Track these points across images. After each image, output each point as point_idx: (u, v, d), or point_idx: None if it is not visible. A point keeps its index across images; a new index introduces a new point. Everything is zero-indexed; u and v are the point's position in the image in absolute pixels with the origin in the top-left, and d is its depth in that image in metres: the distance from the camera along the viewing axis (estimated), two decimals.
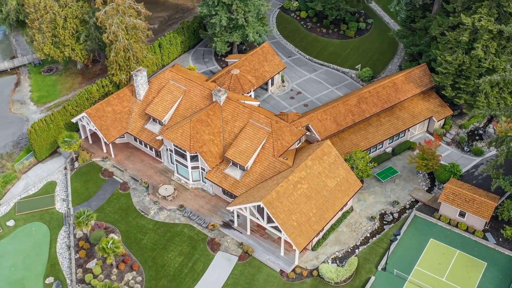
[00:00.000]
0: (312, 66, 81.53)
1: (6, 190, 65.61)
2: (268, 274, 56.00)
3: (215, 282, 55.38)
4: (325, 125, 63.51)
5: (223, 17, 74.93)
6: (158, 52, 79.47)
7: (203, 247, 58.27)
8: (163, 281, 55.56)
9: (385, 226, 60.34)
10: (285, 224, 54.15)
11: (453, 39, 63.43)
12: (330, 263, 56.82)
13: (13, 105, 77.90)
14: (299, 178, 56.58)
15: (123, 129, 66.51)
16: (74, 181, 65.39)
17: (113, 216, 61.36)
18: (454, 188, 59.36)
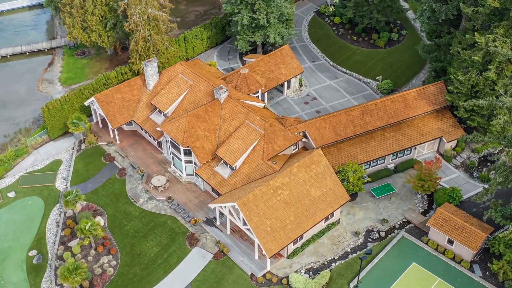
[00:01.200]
0: (334, 73, 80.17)
1: (16, 163, 68.99)
2: (238, 275, 55.88)
3: (184, 277, 55.90)
4: (323, 133, 62.38)
5: (245, 16, 75.08)
6: (183, 45, 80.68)
7: (181, 240, 58.91)
8: (135, 268, 56.69)
9: (369, 244, 58.58)
10: (258, 228, 53.79)
11: (468, 58, 60.50)
12: (303, 273, 55.90)
13: (42, 84, 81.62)
14: (281, 184, 55.98)
15: (129, 116, 68.21)
16: (78, 161, 67.78)
17: (104, 199, 63.16)
18: (445, 213, 56.79)
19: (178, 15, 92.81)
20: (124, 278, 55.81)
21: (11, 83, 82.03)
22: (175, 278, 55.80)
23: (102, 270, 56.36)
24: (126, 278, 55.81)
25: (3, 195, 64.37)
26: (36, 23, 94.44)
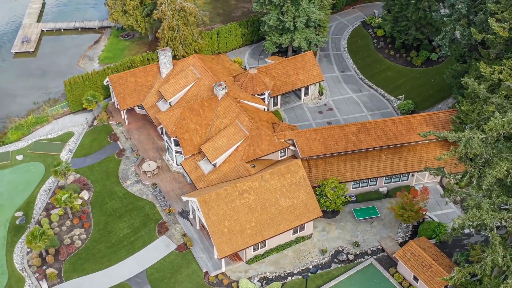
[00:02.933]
0: (359, 86, 77.73)
1: (34, 129, 73.62)
2: (193, 271, 56.29)
3: (143, 262, 57.16)
4: (311, 144, 60.91)
5: (273, 17, 74.76)
6: (215, 39, 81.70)
7: (152, 227, 60.21)
8: (102, 245, 58.77)
9: (333, 264, 56.64)
10: (215, 227, 53.82)
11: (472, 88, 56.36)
12: (256, 281, 55.20)
13: (82, 60, 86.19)
14: (249, 188, 55.51)
15: (138, 100, 70.42)
16: (86, 136, 71.13)
17: (96, 176, 65.88)
18: (416, 247, 53.63)
19: (226, 10, 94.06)
20: (89, 253, 58.06)
21: (56, 55, 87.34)
22: (134, 262, 57.22)
23: (71, 241, 58.97)
24: (90, 253, 58.02)
25: (12, 156, 68.97)
26: (96, 2, 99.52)
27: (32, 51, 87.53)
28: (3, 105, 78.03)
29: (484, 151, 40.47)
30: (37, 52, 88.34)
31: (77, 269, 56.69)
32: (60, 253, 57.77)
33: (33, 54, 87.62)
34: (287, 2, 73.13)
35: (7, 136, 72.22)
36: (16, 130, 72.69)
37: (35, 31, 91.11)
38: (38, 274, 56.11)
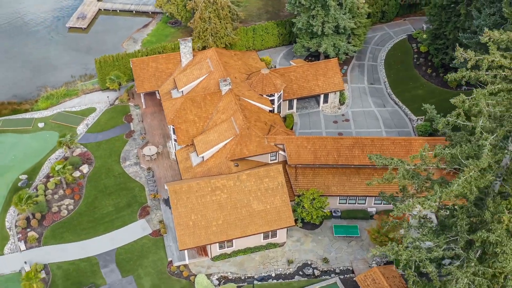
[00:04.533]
0: (385, 100, 74.78)
1: (63, 101, 77.78)
2: (160, 258, 57.29)
3: (116, 240, 58.94)
4: (301, 152, 59.63)
5: (303, 20, 73.77)
6: (250, 35, 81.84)
7: (135, 209, 61.85)
8: (84, 218, 61.26)
9: (297, 277, 55.37)
10: (180, 218, 54.41)
11: None
12: (215, 279, 55.22)
13: (127, 41, 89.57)
14: (222, 185, 55.50)
15: (156, 86, 72.26)
16: (104, 114, 74.14)
17: (101, 152, 68.58)
18: (378, 274, 51.21)
19: (276, 8, 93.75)
20: (71, 224, 60.74)
21: (106, 34, 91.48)
22: (108, 239, 59.15)
23: (59, 209, 61.97)
24: (72, 224, 60.68)
25: (35, 123, 73.34)
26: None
27: (84, 27, 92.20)
28: (44, 74, 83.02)
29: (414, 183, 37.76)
30: (90, 29, 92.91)
31: (56, 237, 59.51)
32: (46, 219, 60.89)
33: (85, 31, 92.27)
34: (318, 6, 71.76)
35: (37, 104, 76.80)
36: (46, 100, 77.10)
37: (93, 9, 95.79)
38: (21, 235, 59.56)
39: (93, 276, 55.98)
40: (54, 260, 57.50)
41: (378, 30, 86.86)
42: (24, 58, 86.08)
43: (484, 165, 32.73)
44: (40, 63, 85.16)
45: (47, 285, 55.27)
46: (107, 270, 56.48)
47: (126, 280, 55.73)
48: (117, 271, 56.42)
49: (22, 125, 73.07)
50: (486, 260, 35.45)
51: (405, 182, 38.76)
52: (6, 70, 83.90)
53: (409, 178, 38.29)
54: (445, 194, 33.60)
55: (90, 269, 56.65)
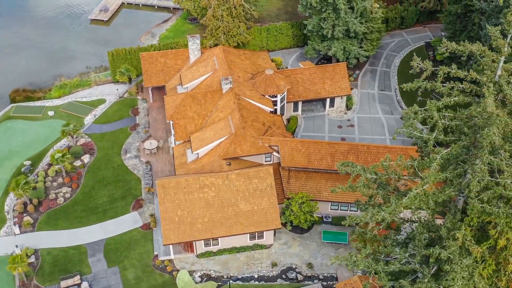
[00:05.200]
0: (393, 108, 73.48)
1: (76, 91, 79.33)
2: (146, 251, 57.81)
3: (107, 231, 59.76)
4: (294, 155, 59.14)
5: (314, 22, 73.20)
6: (264, 35, 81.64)
7: (129, 201, 62.55)
8: (79, 207, 62.30)
9: (279, 280, 54.98)
10: (166, 213, 54.76)
11: None
12: (197, 276, 55.36)
13: (145, 35, 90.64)
14: (210, 183, 55.59)
15: (163, 81, 72.88)
16: (113, 106, 75.25)
17: (104, 143, 69.63)
18: (358, 283, 50.31)
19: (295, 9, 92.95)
20: (66, 211, 61.89)
21: (126, 27, 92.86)
22: (99, 229, 60.03)
23: (56, 197, 63.23)
24: (67, 212, 61.82)
25: (45, 111, 75.03)
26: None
27: (106, 20, 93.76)
28: (61, 64, 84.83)
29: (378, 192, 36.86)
30: (111, 21, 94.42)
31: (50, 223, 60.76)
32: (42, 205, 62.22)
33: (107, 23, 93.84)
34: (329, 9, 71.02)
35: (50, 93, 78.56)
36: (60, 89, 78.78)
37: (116, 2, 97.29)
38: (17, 219, 61.06)
39: (79, 264, 56.91)
40: (45, 245, 58.70)
41: (396, 36, 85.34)
42: (44, 47, 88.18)
43: (431, 180, 31.72)
44: (59, 53, 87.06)
45: (35, 269, 56.47)
46: (94, 259, 57.32)
47: (111, 270, 56.45)
48: (103, 261, 57.20)
49: (33, 112, 74.86)
50: (441, 277, 34.30)
51: (369, 191, 37.90)
52: (25, 57, 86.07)
53: (370, 187, 37.43)
54: (397, 207, 32.72)
55: (78, 257, 57.61)
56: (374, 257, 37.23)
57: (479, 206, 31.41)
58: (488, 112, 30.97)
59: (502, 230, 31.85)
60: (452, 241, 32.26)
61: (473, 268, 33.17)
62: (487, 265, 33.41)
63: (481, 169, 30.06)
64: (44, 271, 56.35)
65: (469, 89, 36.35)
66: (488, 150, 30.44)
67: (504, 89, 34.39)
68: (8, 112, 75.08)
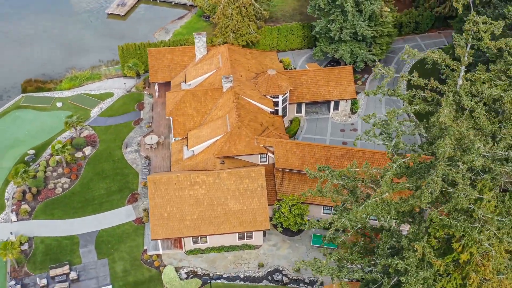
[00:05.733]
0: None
1: (86, 83, 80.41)
2: (136, 245, 58.32)
3: (100, 223, 60.49)
4: (289, 157, 58.79)
5: (321, 24, 72.67)
6: (275, 35, 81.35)
7: (125, 194, 63.17)
8: (76, 198, 63.19)
9: (265, 281, 54.79)
10: (155, 208, 55.12)
11: None
12: (184, 272, 55.57)
13: (159, 31, 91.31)
14: (201, 181, 55.72)
15: (169, 77, 73.32)
16: (119, 100, 76.06)
17: (106, 136, 70.45)
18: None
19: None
20: (63, 202, 62.86)
21: (141, 22, 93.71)
22: (93, 221, 60.80)
23: (54, 187, 64.27)
24: (64, 202, 62.78)
25: (54, 102, 76.30)
26: None
27: (123, 14, 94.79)
28: (75, 56, 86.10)
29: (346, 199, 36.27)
30: (128, 16, 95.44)
31: (46, 212, 61.79)
32: (41, 195, 63.31)
33: (123, 18, 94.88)
34: (337, 11, 70.36)
35: (61, 84, 79.80)
36: (70, 81, 79.95)
37: None
38: (15, 207, 62.27)
39: (71, 254, 57.74)
40: (39, 234, 59.73)
41: (410, 41, 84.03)
42: (60, 39, 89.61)
43: (384, 190, 31.09)
44: (74, 45, 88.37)
45: (27, 257, 57.49)
46: (85, 250, 58.08)
47: (100, 262, 57.10)
48: (94, 252, 57.91)
49: (42, 102, 76.20)
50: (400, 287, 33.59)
51: (338, 196, 37.39)
52: (41, 49, 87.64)
53: (339, 192, 36.92)
54: (353, 215, 32.19)
55: (70, 247, 58.45)
56: (339, 264, 36.70)
57: (438, 218, 30.62)
58: (441, 122, 30.28)
59: (466, 243, 30.94)
60: (411, 252, 31.56)
61: (433, 281, 32.36)
62: (452, 279, 32.53)
63: (433, 181, 29.29)
64: (35, 259, 57.32)
65: (430, 98, 35.58)
66: (445, 161, 29.64)
67: (463, 99, 33.69)
68: (18, 102, 76.61)
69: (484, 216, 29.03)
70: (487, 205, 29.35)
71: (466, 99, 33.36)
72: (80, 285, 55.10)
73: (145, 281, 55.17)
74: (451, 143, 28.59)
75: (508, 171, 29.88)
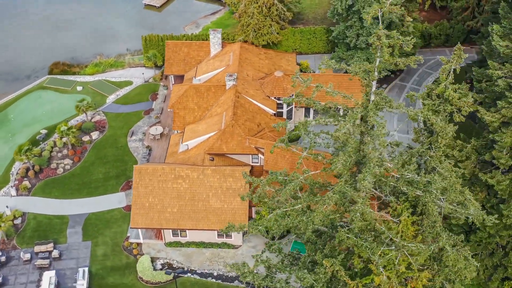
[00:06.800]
0: (410, 127, 70.30)
1: (109, 70, 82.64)
2: (121, 231, 59.50)
3: (92, 206, 62.06)
4: (278, 160, 58.17)
5: (339, 29, 71.46)
6: (298, 38, 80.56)
7: (121, 181, 64.51)
8: (74, 180, 65.07)
9: (237, 282, 54.54)
10: (138, 197, 56.00)
11: None
12: (159, 263, 56.21)
13: (190, 25, 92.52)
14: (185, 175, 56.14)
15: (183, 70, 74.16)
16: (135, 89, 77.68)
17: (116, 123, 72.12)
18: None
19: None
20: (62, 182, 64.93)
21: (175, 15, 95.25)
22: (86, 203, 62.47)
23: (57, 167, 66.47)
24: (62, 183, 64.83)
25: (75, 86, 78.87)
26: None
27: (158, 6, 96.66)
28: (104, 43, 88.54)
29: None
30: (163, 8, 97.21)
31: (45, 191, 64.02)
32: (42, 173, 65.66)
33: (159, 9, 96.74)
34: (355, 17, 68.91)
35: (85, 69, 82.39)
36: (95, 66, 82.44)
37: None
38: (17, 182, 64.91)
39: (58, 233, 59.59)
40: (34, 210, 61.98)
41: (438, 53, 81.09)
42: (95, 25, 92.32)
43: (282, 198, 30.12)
44: (106, 32, 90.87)
45: (18, 231, 59.80)
46: (72, 231, 59.79)
47: (84, 244, 58.64)
48: (80, 234, 59.53)
49: (63, 85, 78.93)
50: None
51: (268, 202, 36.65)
52: (75, 34, 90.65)
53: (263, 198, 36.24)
54: (266, 222, 31.46)
55: (59, 227, 60.32)
56: (268, 271, 36.02)
57: (345, 236, 29.45)
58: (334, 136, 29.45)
59: (384, 265, 29.53)
60: (322, 268, 30.52)
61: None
62: None
63: (329, 197, 28.14)
64: (25, 234, 59.55)
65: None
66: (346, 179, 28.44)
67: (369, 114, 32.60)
68: (43, 83, 79.66)
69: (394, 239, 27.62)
70: (396, 228, 27.87)
71: (371, 115, 31.92)
72: (60, 264, 56.78)
73: (121, 267, 56.19)
74: (344, 159, 27.45)
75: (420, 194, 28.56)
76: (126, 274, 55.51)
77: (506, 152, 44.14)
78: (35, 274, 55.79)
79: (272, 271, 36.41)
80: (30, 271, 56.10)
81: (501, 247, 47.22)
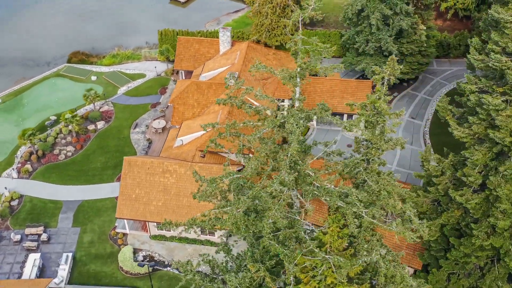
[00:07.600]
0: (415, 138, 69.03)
1: (125, 62, 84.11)
2: (109, 220, 60.40)
3: (86, 194, 63.29)
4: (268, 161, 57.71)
5: (349, 33, 70.47)
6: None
7: (117, 172, 65.30)
8: (75, 167, 66.45)
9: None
10: (126, 188, 56.77)
11: None
12: (141, 255, 56.82)
13: (211, 22, 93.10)
14: (173, 170, 56.53)
15: (192, 66, 74.73)
16: (147, 82, 78.75)
17: (122, 114, 73.27)
18: None
19: None
20: (62, 168, 66.46)
21: (198, 11, 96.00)
22: (81, 191, 63.74)
23: (59, 153, 68.08)
24: (62, 169, 66.36)
25: (89, 75, 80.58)
26: None
27: (183, 1, 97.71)
28: (125, 35, 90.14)
29: None
30: (188, 4, 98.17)
31: (44, 175, 65.69)
32: (45, 158, 67.40)
33: (183, 5, 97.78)
34: (365, 22, 67.78)
35: (103, 60, 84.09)
36: (112, 58, 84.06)
37: None
38: (20, 165, 66.84)
39: (50, 218, 61.02)
40: (31, 193, 63.66)
41: (457, 64, 78.90)
42: (119, 17, 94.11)
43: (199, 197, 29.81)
44: (128, 25, 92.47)
45: (13, 212, 61.56)
46: (63, 216, 61.13)
47: (73, 230, 59.85)
48: (71, 219, 60.79)
49: (79, 74, 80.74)
50: None
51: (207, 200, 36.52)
52: (98, 24, 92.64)
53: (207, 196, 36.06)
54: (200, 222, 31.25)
55: (52, 211, 61.76)
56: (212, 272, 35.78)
57: (268, 242, 28.89)
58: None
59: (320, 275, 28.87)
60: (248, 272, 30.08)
61: None
62: None
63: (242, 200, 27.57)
64: (19, 216, 61.25)
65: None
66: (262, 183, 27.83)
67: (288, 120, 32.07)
68: (60, 70, 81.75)
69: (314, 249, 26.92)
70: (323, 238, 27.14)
71: (291, 122, 31.16)
72: (47, 247, 58.14)
73: (104, 256, 57.06)
74: (256, 164, 26.97)
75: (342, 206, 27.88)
76: (108, 263, 56.33)
77: (478, 170, 42.47)
78: (22, 255, 57.26)
79: (216, 272, 36.26)
80: (18, 252, 57.65)
81: (478, 268, 45.58)
